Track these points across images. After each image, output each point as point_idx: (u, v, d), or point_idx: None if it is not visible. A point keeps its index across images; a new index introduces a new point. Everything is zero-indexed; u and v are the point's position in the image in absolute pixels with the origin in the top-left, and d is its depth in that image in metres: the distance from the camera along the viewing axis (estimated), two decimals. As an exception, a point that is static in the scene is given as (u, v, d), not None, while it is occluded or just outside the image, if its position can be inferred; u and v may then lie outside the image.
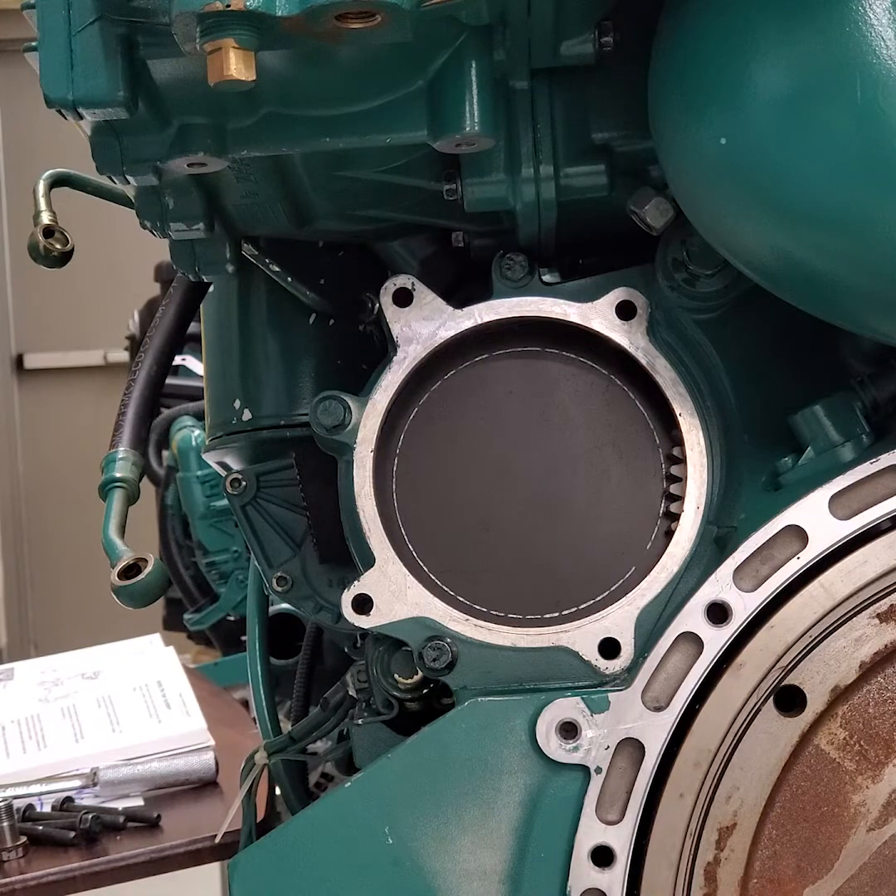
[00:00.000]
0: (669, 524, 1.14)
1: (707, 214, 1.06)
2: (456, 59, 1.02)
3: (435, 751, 1.11)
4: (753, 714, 1.07)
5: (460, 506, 1.16)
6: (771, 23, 0.95)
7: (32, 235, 1.38)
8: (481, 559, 1.15)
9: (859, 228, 0.96)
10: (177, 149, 1.04)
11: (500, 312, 1.16)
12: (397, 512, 1.16)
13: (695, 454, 1.14)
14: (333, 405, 1.14)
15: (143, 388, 1.42)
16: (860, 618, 1.07)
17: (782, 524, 1.07)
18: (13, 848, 1.96)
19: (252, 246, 1.27)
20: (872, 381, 1.12)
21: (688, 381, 1.15)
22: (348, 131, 1.06)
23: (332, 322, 1.34)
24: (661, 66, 1.04)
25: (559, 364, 1.18)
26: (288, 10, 0.88)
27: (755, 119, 0.96)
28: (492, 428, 1.17)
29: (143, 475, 1.38)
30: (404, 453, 1.17)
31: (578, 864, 1.08)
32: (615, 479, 1.16)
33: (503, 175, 1.14)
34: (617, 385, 1.17)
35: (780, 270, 1.04)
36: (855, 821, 1.07)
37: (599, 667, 1.11)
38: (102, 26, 0.95)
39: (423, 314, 1.16)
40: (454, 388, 1.17)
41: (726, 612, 1.07)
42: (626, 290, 1.15)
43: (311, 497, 1.31)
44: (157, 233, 1.17)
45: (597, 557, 1.15)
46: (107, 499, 1.33)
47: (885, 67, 0.92)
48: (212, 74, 0.88)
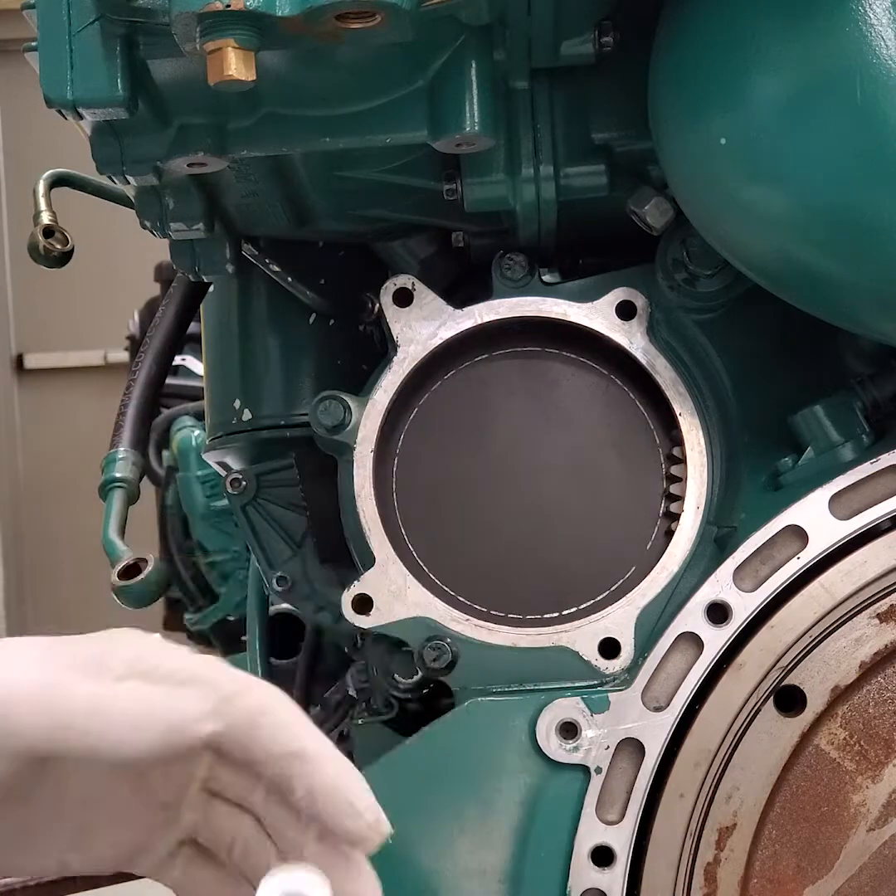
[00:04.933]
0: (669, 524, 1.14)
1: (707, 214, 1.06)
2: (456, 59, 1.02)
3: (435, 751, 1.11)
4: (753, 714, 1.07)
5: (460, 506, 1.16)
6: (771, 22, 0.95)
7: (32, 235, 1.38)
8: (481, 559, 1.15)
9: (859, 228, 0.96)
10: (177, 149, 1.04)
11: (500, 312, 1.16)
12: (397, 512, 1.16)
13: (695, 454, 1.14)
14: (333, 405, 1.14)
15: (143, 388, 1.42)
16: (860, 618, 1.07)
17: (782, 524, 1.07)
18: (13, 848, 1.95)
19: (252, 246, 1.27)
20: (872, 381, 1.12)
21: (688, 381, 1.15)
22: (348, 131, 1.06)
23: (332, 322, 1.34)
24: (662, 66, 1.04)
25: (559, 364, 1.18)
26: (288, 10, 0.88)
27: (755, 119, 0.96)
28: (492, 428, 1.17)
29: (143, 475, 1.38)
30: (404, 453, 1.17)
31: (578, 864, 1.08)
32: (615, 479, 1.16)
33: (503, 175, 1.14)
34: (617, 385, 1.17)
35: (780, 270, 1.04)
36: (855, 821, 1.07)
37: (599, 667, 1.11)
38: (102, 26, 0.95)
39: (424, 314, 1.16)
40: (454, 388, 1.17)
41: (726, 612, 1.07)
42: (626, 290, 1.15)
43: (311, 497, 1.31)
44: (157, 233, 1.17)
45: (597, 557, 1.15)
46: (107, 499, 1.33)
47: (885, 67, 0.92)
48: (212, 74, 0.88)
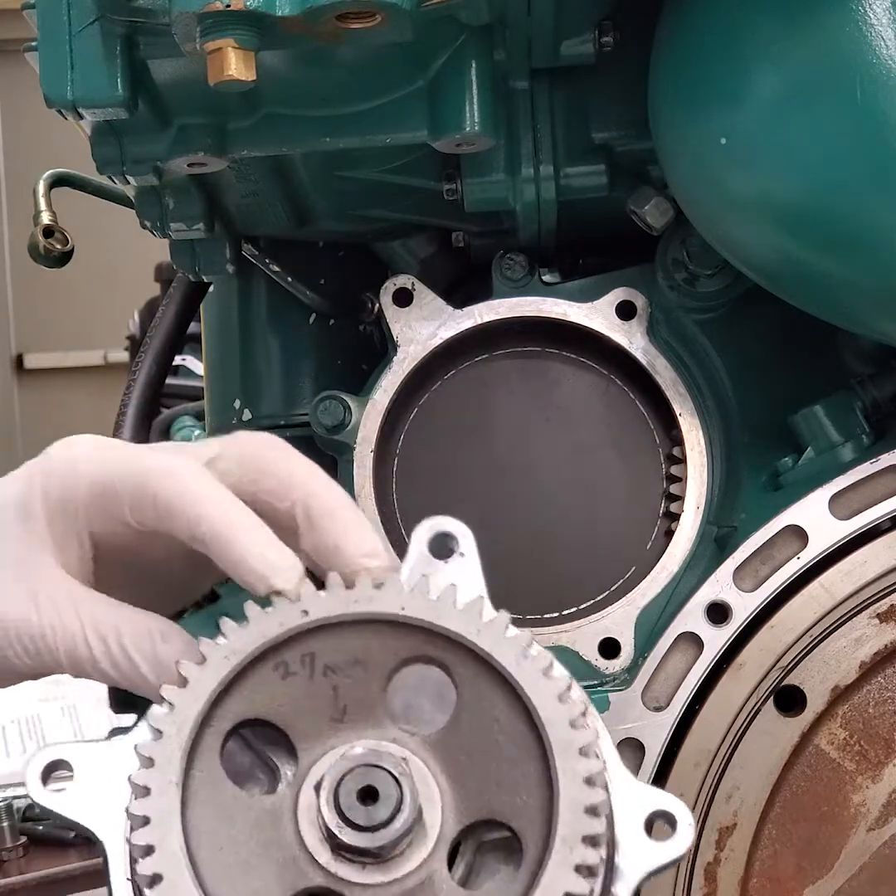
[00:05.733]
0: (669, 524, 1.14)
1: (707, 214, 1.06)
2: (456, 59, 1.02)
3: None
4: (753, 714, 1.07)
5: (460, 506, 1.16)
6: (771, 22, 0.95)
7: (32, 235, 1.38)
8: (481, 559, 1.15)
9: (859, 228, 0.96)
10: (177, 149, 1.04)
11: (500, 312, 1.16)
12: (397, 512, 1.16)
13: (695, 454, 1.14)
14: (333, 405, 1.15)
15: (143, 388, 1.42)
16: (860, 618, 1.07)
17: (782, 524, 1.07)
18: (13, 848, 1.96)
19: (252, 246, 1.27)
20: (872, 381, 1.12)
21: (688, 381, 1.15)
22: (348, 131, 1.06)
23: (332, 322, 1.34)
24: (661, 65, 1.04)
25: (559, 364, 1.18)
26: (288, 10, 0.88)
27: (755, 119, 0.96)
28: (492, 428, 1.17)
29: (143, 475, 1.38)
30: (404, 453, 1.17)
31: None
32: (615, 479, 1.16)
33: (503, 175, 1.14)
34: (617, 385, 1.17)
35: (780, 270, 1.04)
36: (855, 821, 1.07)
37: (599, 667, 1.11)
38: (102, 26, 0.95)
39: (423, 314, 1.16)
40: (454, 388, 1.17)
41: (726, 612, 1.07)
42: (626, 290, 1.15)
43: (311, 497, 1.31)
44: (157, 233, 1.17)
45: (597, 557, 1.15)
46: (107, 499, 1.33)
47: (885, 67, 0.92)
48: (212, 74, 0.88)
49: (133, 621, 0.79)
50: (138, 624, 0.79)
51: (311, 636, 0.73)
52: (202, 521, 0.77)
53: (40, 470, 0.84)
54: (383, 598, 0.74)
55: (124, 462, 0.81)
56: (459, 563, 0.79)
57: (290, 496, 0.80)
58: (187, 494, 0.78)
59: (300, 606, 0.73)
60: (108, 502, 0.80)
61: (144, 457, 0.82)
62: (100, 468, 0.81)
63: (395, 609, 0.74)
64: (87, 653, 0.79)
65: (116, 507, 0.80)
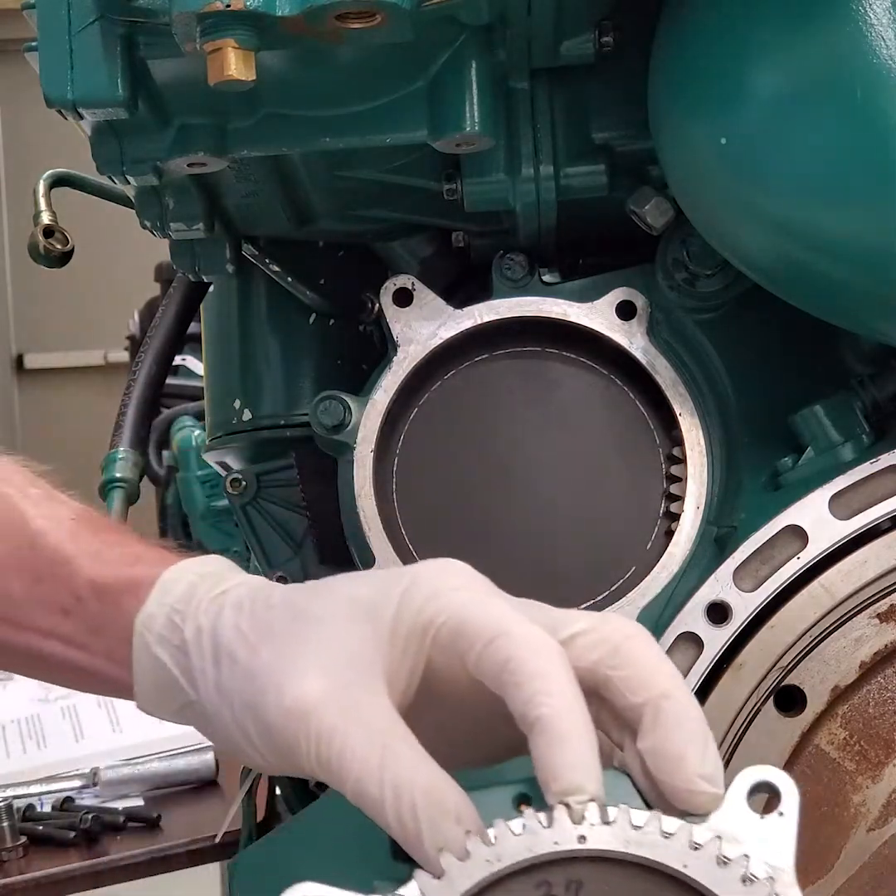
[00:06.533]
0: (669, 524, 1.14)
1: (707, 214, 1.06)
2: (456, 59, 1.02)
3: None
4: (753, 714, 1.07)
5: (460, 506, 1.16)
6: (771, 22, 0.95)
7: (32, 235, 1.38)
8: (481, 560, 1.15)
9: (860, 229, 0.96)
10: (177, 149, 1.04)
11: (500, 312, 1.16)
12: (397, 512, 1.16)
13: (695, 454, 1.14)
14: (333, 405, 1.15)
15: (143, 388, 1.42)
16: (860, 618, 1.07)
17: (782, 524, 1.07)
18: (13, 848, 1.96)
19: (252, 246, 1.27)
20: (872, 381, 1.12)
21: (688, 381, 1.15)
22: (348, 131, 1.06)
23: (332, 322, 1.34)
24: (661, 65, 1.04)
25: (559, 364, 1.18)
26: (288, 10, 0.88)
27: (755, 119, 0.96)
28: (492, 428, 1.17)
29: (144, 475, 1.38)
30: (404, 453, 1.17)
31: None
32: (615, 479, 1.16)
33: (503, 175, 1.14)
34: (617, 385, 1.17)
35: (780, 271, 1.04)
36: (855, 821, 1.07)
37: (599, 667, 1.10)
38: (102, 26, 0.95)
39: (423, 314, 1.16)
40: (454, 388, 1.17)
41: (726, 612, 1.07)
42: (626, 290, 1.15)
43: (311, 497, 1.31)
44: (157, 233, 1.17)
45: (597, 557, 1.15)
46: (107, 499, 1.34)
47: (885, 67, 0.92)
48: (212, 74, 0.88)
49: (436, 788, 0.75)
50: (440, 792, 0.75)
51: (580, 864, 0.70)
52: (542, 708, 0.74)
53: (398, 581, 0.82)
54: (669, 847, 0.70)
55: (492, 609, 0.79)
56: (775, 823, 0.76)
57: (647, 692, 0.76)
58: (539, 679, 0.75)
59: (578, 831, 0.70)
60: (462, 641, 0.78)
61: (510, 615, 0.79)
62: (468, 603, 0.80)
63: (677, 864, 0.70)
64: (377, 792, 0.76)
65: (468, 650, 0.77)
